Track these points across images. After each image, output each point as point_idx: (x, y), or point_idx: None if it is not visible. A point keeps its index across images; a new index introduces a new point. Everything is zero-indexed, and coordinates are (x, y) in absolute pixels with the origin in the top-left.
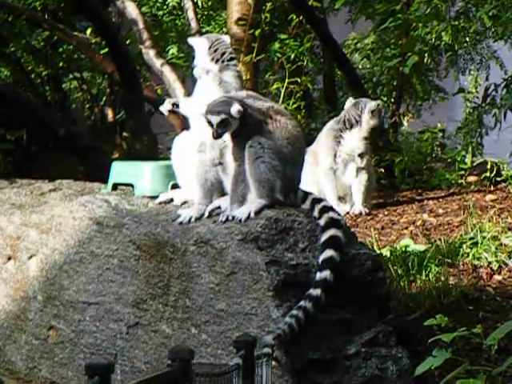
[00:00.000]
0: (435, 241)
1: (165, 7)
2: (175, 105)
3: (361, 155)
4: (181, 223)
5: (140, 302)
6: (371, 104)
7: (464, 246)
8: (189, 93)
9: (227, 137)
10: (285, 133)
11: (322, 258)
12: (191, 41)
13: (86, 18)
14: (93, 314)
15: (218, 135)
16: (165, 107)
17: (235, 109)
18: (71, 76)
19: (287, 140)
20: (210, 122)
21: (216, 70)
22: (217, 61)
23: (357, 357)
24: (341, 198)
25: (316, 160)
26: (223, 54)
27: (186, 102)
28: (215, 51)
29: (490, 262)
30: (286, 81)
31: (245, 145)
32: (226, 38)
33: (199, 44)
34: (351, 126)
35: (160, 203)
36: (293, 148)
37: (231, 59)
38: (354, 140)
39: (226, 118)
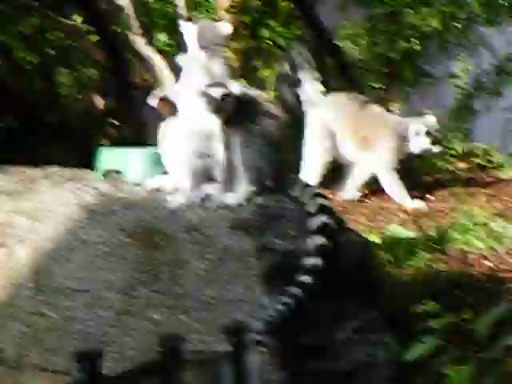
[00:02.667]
0: (425, 227)
1: None
2: (164, 97)
3: None
4: (170, 210)
5: (129, 289)
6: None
7: (454, 232)
8: (178, 80)
9: (214, 126)
10: (273, 120)
11: (311, 244)
12: (181, 25)
13: (76, 6)
14: (82, 301)
15: (220, 108)
16: (153, 100)
17: (236, 85)
18: (61, 63)
19: (276, 127)
20: (211, 97)
21: (203, 57)
22: (204, 48)
23: (346, 343)
24: None
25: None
26: (209, 40)
27: (176, 90)
28: (202, 38)
29: (480, 249)
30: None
31: (234, 132)
32: (218, 25)
33: (189, 30)
34: None
35: (149, 190)
36: (282, 134)
37: (218, 45)
38: None
39: (228, 93)
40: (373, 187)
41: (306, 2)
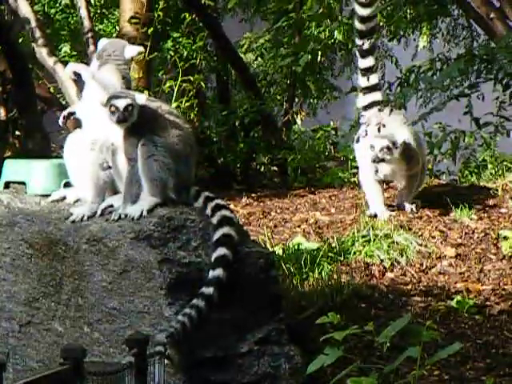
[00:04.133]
0: (328, 239)
1: (57, 5)
2: (71, 114)
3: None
4: (73, 221)
5: (32, 301)
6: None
7: (356, 243)
8: (82, 91)
9: (117, 138)
10: (176, 131)
11: (214, 256)
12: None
13: None
14: None
15: (123, 118)
16: (60, 120)
17: (140, 96)
18: None
19: (179, 138)
20: (114, 107)
21: (96, 67)
22: (98, 58)
23: (249, 355)
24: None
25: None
26: (105, 51)
27: (79, 104)
28: (103, 53)
29: (382, 260)
30: (179, 79)
31: (137, 143)
32: (122, 42)
33: (99, 46)
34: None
35: (52, 201)
36: (184, 146)
37: (111, 56)
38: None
39: (131, 104)
40: (273, 201)
41: (209, 13)
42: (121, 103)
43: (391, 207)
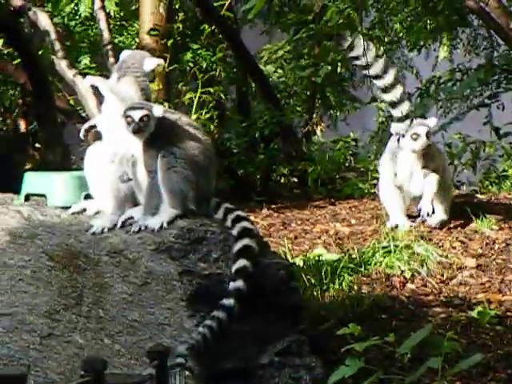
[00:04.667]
0: (348, 250)
1: (77, 17)
2: (91, 127)
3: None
4: (94, 233)
5: (53, 313)
6: (415, 129)
7: (377, 254)
8: (101, 103)
9: (137, 150)
10: (196, 143)
11: (235, 267)
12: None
13: None
14: (6, 324)
15: (138, 129)
16: (81, 133)
17: (158, 107)
18: None
19: (198, 150)
20: (130, 118)
21: (115, 79)
22: (117, 70)
23: (270, 366)
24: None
25: None
26: (124, 63)
27: (99, 117)
28: (122, 64)
29: (402, 271)
30: (199, 91)
31: (157, 155)
32: (141, 54)
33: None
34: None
35: (73, 213)
36: (204, 158)
37: (131, 68)
38: (410, 159)
39: (147, 114)
40: (294, 212)
41: (228, 25)
42: (136, 114)
43: (412, 218)
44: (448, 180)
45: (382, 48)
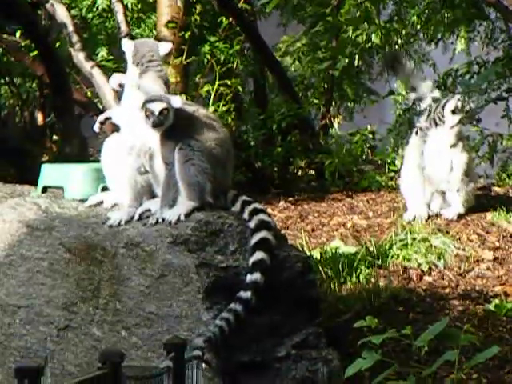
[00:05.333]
0: (365, 242)
1: (94, 10)
2: (107, 119)
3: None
4: (111, 226)
5: (70, 305)
6: (451, 103)
7: (394, 247)
8: (119, 95)
9: (154, 142)
10: (213, 135)
11: (252, 260)
12: (123, 44)
13: (16, 20)
14: (23, 316)
15: (158, 122)
16: (96, 125)
17: (176, 99)
18: (1, 80)
19: (216, 142)
20: (150, 111)
21: (136, 74)
22: (137, 64)
23: (287, 359)
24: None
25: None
26: (143, 56)
27: (117, 111)
28: (136, 55)
29: (420, 264)
30: (216, 83)
31: (174, 147)
32: (152, 41)
33: (126, 48)
34: (436, 125)
35: (90, 206)
36: (221, 150)
37: (152, 61)
38: (441, 137)
39: (167, 108)
40: (311, 205)
41: (246, 17)
42: (156, 107)
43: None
44: (471, 172)
45: (399, 41)
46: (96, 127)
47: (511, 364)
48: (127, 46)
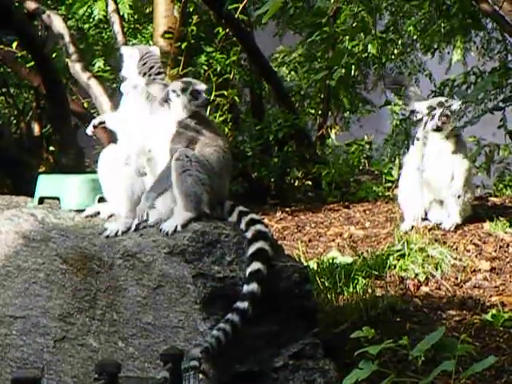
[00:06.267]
0: (362, 253)
1: (91, 20)
2: (100, 123)
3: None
4: (107, 236)
5: (67, 316)
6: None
7: (391, 257)
8: (116, 106)
9: (156, 147)
10: (211, 146)
11: (249, 270)
12: (123, 50)
13: (12, 31)
14: (19, 327)
15: (206, 101)
16: (89, 128)
17: (202, 84)
18: None
19: (214, 153)
20: (197, 92)
21: (143, 84)
22: (144, 74)
23: (284, 369)
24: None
25: None
26: (151, 67)
27: (113, 116)
28: (144, 64)
29: (416, 274)
30: (213, 93)
31: (184, 140)
32: (156, 51)
33: (130, 54)
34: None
35: (86, 217)
36: (219, 161)
37: (159, 73)
38: (441, 143)
39: (194, 90)
40: (308, 215)
41: (242, 28)
42: (203, 87)
43: (427, 221)
44: (468, 182)
45: (395, 51)
46: (89, 130)
47: (508, 374)
48: (131, 53)
